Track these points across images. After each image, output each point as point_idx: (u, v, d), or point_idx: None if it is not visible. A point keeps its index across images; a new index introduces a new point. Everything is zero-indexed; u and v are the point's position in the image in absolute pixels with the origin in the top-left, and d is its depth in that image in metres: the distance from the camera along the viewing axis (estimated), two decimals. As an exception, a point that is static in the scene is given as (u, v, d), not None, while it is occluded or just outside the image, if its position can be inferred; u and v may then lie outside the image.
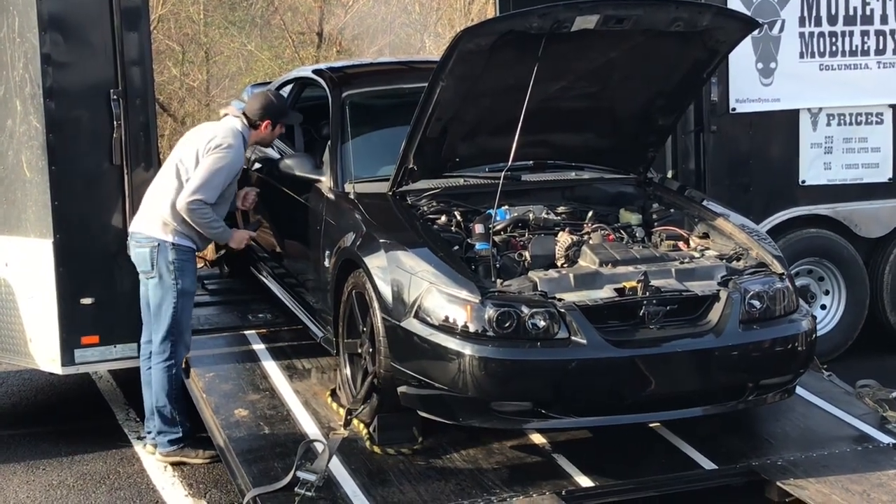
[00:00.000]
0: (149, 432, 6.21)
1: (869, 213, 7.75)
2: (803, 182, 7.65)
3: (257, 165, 7.17)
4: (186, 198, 5.86)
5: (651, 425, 5.60)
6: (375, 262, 5.37)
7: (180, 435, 6.06)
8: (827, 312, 7.73)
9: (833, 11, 7.60)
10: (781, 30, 7.51)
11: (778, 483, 5.17)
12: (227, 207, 6.19)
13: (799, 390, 5.78)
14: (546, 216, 5.79)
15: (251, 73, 16.47)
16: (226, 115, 6.24)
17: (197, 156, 5.97)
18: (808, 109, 7.62)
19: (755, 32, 6.49)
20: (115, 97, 6.21)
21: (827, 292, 7.78)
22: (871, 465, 5.33)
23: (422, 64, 7.84)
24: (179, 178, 5.97)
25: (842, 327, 7.73)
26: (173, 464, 6.07)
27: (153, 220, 5.98)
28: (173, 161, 6.06)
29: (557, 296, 5.09)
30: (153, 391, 6.05)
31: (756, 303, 5.23)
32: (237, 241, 6.27)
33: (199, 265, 8.96)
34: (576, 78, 5.73)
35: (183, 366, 6.13)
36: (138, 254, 6.02)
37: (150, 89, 6.37)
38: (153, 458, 6.19)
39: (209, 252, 8.37)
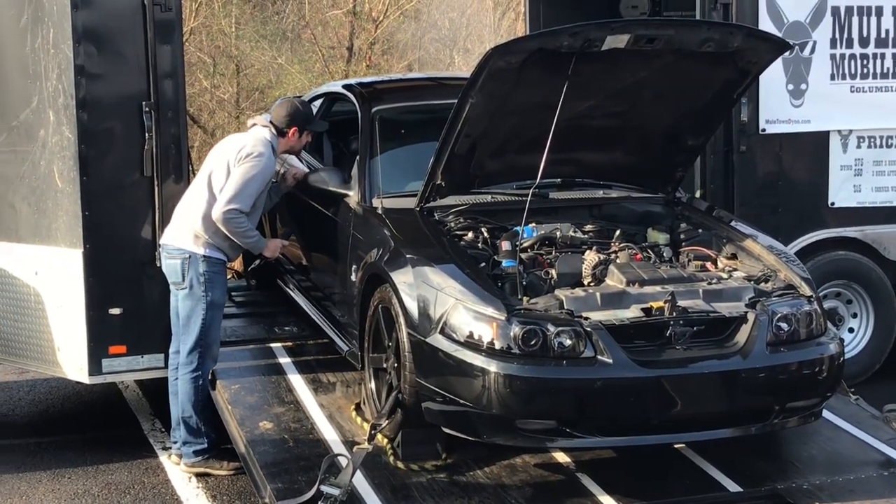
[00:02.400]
0: (174, 442, 6.24)
1: (898, 236, 7.70)
2: (832, 204, 7.61)
3: (294, 167, 7.18)
4: (222, 208, 5.90)
5: (676, 446, 5.57)
6: (402, 278, 5.38)
7: (205, 446, 6.08)
8: (854, 335, 7.68)
9: (865, 34, 7.57)
10: (812, 51, 7.49)
11: (803, 507, 5.14)
12: (258, 217, 6.23)
13: (826, 414, 5.74)
14: (573, 234, 5.79)
15: (281, 86, 16.53)
16: (254, 125, 6.28)
17: (228, 167, 6.01)
18: (839, 131, 7.58)
19: (786, 53, 6.47)
20: (146, 109, 6.25)
21: (855, 315, 7.73)
22: (897, 491, 5.29)
23: (451, 80, 7.87)
24: (211, 189, 6.01)
25: (869, 351, 7.68)
26: (198, 475, 6.09)
27: (184, 232, 6.02)
28: (204, 173, 6.10)
29: (584, 314, 5.08)
30: (179, 402, 6.08)
31: (784, 325, 5.21)
32: (271, 251, 6.31)
33: (228, 276, 9.02)
34: (605, 97, 5.74)
35: (210, 377, 6.15)
36: (169, 265, 6.06)
37: (181, 102, 6.41)
38: (178, 469, 6.21)
39: (237, 263, 8.40)
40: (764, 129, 7.43)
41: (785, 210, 7.51)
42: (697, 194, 7.27)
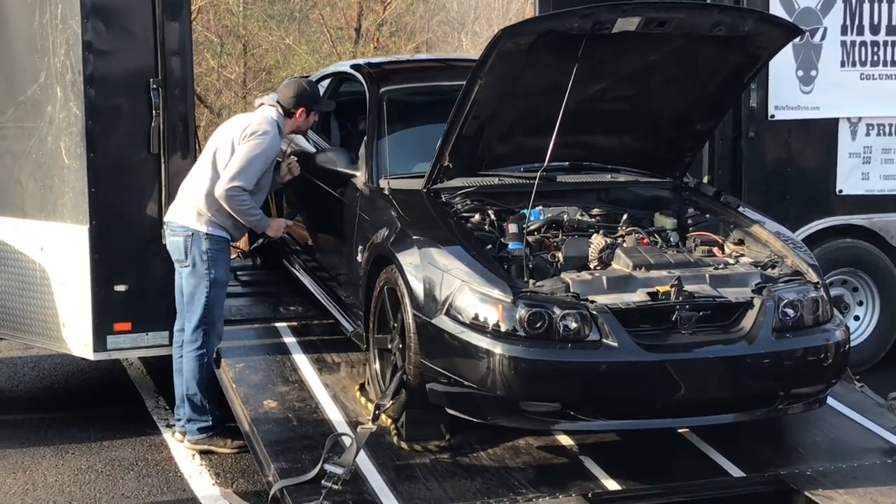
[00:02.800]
0: (178, 420, 6.25)
1: (906, 225, 7.69)
2: (840, 191, 7.60)
3: (293, 158, 7.17)
4: (225, 185, 5.89)
5: (679, 430, 5.57)
6: (408, 259, 5.37)
7: (210, 423, 6.09)
8: (860, 323, 7.67)
9: (876, 21, 7.54)
10: (823, 37, 7.46)
11: (806, 493, 5.12)
12: (263, 196, 6.23)
13: (830, 401, 5.73)
14: (580, 218, 5.77)
15: (288, 66, 16.50)
16: (261, 104, 6.27)
17: (233, 144, 6.01)
18: (848, 119, 7.56)
19: (796, 39, 6.44)
20: (154, 86, 6.25)
21: (861, 303, 7.72)
22: (901, 479, 5.29)
23: (460, 62, 7.84)
24: (215, 167, 6.01)
25: (874, 338, 7.67)
26: (201, 452, 6.11)
27: (187, 210, 6.03)
28: (209, 151, 6.10)
29: (590, 298, 5.07)
30: (184, 379, 6.09)
31: (790, 311, 5.19)
32: (275, 230, 6.31)
33: (233, 256, 9.03)
34: (614, 80, 5.71)
35: (214, 356, 6.16)
36: (172, 242, 6.07)
37: (189, 80, 6.40)
38: (181, 446, 6.23)
39: (242, 243, 8.40)
40: (773, 116, 7.40)
41: (792, 197, 7.49)
42: (705, 180, 7.25)
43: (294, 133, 6.46)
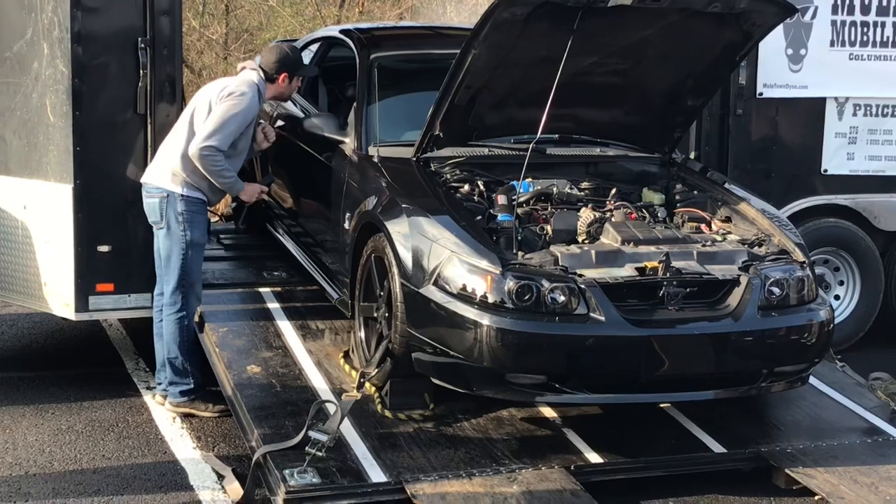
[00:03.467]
0: (159, 383, 6.23)
1: (889, 206, 7.72)
2: (825, 171, 7.63)
3: (280, 123, 7.13)
4: (198, 144, 5.85)
5: (662, 406, 5.61)
6: (397, 228, 5.36)
7: (191, 386, 6.08)
8: (841, 303, 7.72)
9: (866, 1, 7.54)
10: (813, 16, 7.46)
11: (786, 470, 5.18)
12: (241, 161, 6.18)
13: (811, 379, 5.77)
14: (569, 191, 5.77)
15: (271, 28, 16.33)
16: (243, 68, 6.21)
17: (210, 105, 5.97)
18: (835, 98, 7.58)
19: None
20: (142, 46, 6.18)
21: (842, 283, 7.76)
22: (880, 458, 5.34)
23: (450, 30, 7.81)
24: (192, 128, 5.97)
25: (855, 318, 7.72)
26: (183, 415, 6.09)
27: (163, 171, 5.99)
28: (187, 113, 6.06)
29: (578, 271, 5.08)
30: (164, 342, 6.07)
31: (776, 290, 5.23)
32: (248, 195, 6.26)
33: (214, 220, 8.97)
34: (608, 53, 5.70)
35: (196, 319, 6.14)
36: (149, 204, 6.03)
37: (178, 40, 6.33)
38: (163, 409, 6.21)
39: (222, 206, 8.34)
40: (761, 94, 7.42)
41: (777, 175, 7.51)
42: (692, 155, 7.26)
43: (276, 99, 6.40)
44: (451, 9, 18.77)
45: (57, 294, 6.35)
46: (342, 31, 7.12)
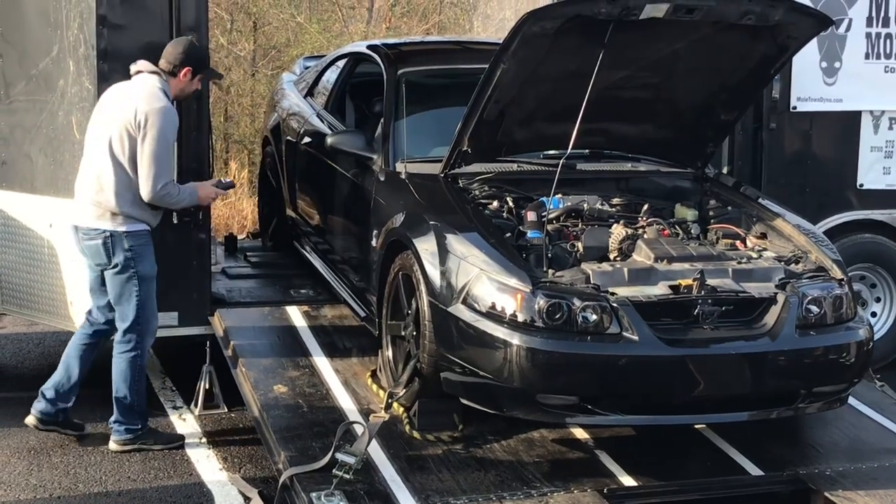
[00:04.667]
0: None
1: (926, 221, 7.58)
2: (861, 186, 7.50)
3: (307, 139, 7.08)
4: (151, 190, 5.62)
5: (697, 427, 5.48)
6: (425, 245, 5.27)
7: (138, 427, 5.91)
8: (877, 320, 7.58)
9: (902, 13, 7.42)
10: (848, 29, 7.35)
11: (826, 493, 5.04)
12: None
13: (849, 399, 5.63)
14: (600, 207, 5.67)
15: (299, 45, 16.35)
16: (138, 72, 5.82)
17: (129, 135, 5.61)
18: (871, 112, 7.46)
19: (822, 30, 6.33)
20: (169, 63, 6.13)
21: (878, 299, 7.62)
22: (922, 481, 5.19)
23: (477, 45, 7.75)
24: (115, 159, 5.64)
25: (892, 336, 7.59)
26: (130, 451, 5.90)
27: (97, 211, 5.69)
28: (102, 142, 5.68)
29: (610, 290, 4.97)
30: (114, 381, 5.85)
31: (814, 308, 5.10)
32: (204, 199, 6.00)
33: (241, 237, 8.94)
34: (639, 67, 5.60)
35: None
36: (90, 247, 5.76)
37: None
38: (188, 430, 6.14)
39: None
40: (795, 107, 7.31)
41: (812, 190, 7.39)
42: (725, 170, 7.15)
43: (176, 98, 5.88)
44: (477, 24, 18.73)
45: (83, 313, 6.29)
46: (369, 47, 7.06)
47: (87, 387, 6.09)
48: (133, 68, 5.85)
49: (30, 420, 5.98)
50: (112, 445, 5.93)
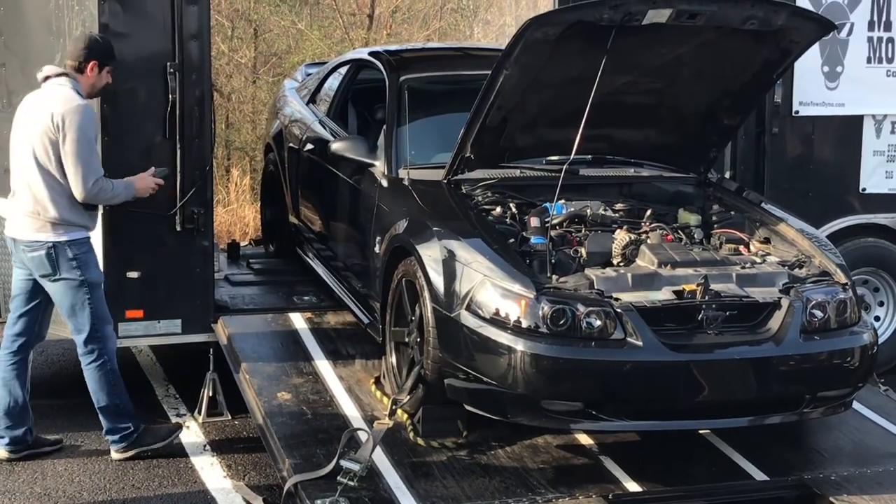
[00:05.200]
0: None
1: (929, 225, 7.58)
2: (863, 190, 7.49)
3: (309, 146, 7.08)
4: (83, 189, 5.52)
5: (701, 432, 5.47)
6: (428, 251, 5.27)
7: (131, 428, 5.84)
8: (881, 324, 7.57)
9: (903, 17, 7.43)
10: (850, 33, 7.35)
11: (831, 498, 5.04)
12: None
13: (853, 404, 5.63)
14: (603, 212, 5.67)
15: (300, 52, 16.34)
16: (46, 77, 5.70)
17: (51, 142, 5.52)
18: (873, 116, 7.46)
19: (825, 35, 6.33)
20: (171, 70, 6.15)
21: (882, 303, 7.61)
22: (927, 485, 5.19)
23: (479, 51, 7.76)
24: (42, 169, 5.55)
25: (895, 340, 7.56)
26: (134, 458, 5.86)
27: (35, 223, 5.61)
28: (26, 153, 5.59)
29: (614, 295, 4.97)
30: (92, 393, 5.78)
31: (818, 312, 5.10)
32: (143, 190, 5.89)
33: (244, 243, 8.94)
34: (641, 72, 5.61)
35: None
36: (33, 259, 5.65)
37: (206, 64, 6.30)
38: (193, 437, 6.13)
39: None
40: (797, 112, 7.30)
41: (815, 194, 7.39)
42: (727, 175, 7.15)
43: (92, 95, 5.78)
44: (478, 30, 18.76)
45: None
46: (371, 54, 7.07)
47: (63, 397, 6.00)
48: (40, 75, 5.74)
49: (1, 454, 5.88)
50: (114, 455, 5.91)
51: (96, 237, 6.12)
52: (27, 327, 5.87)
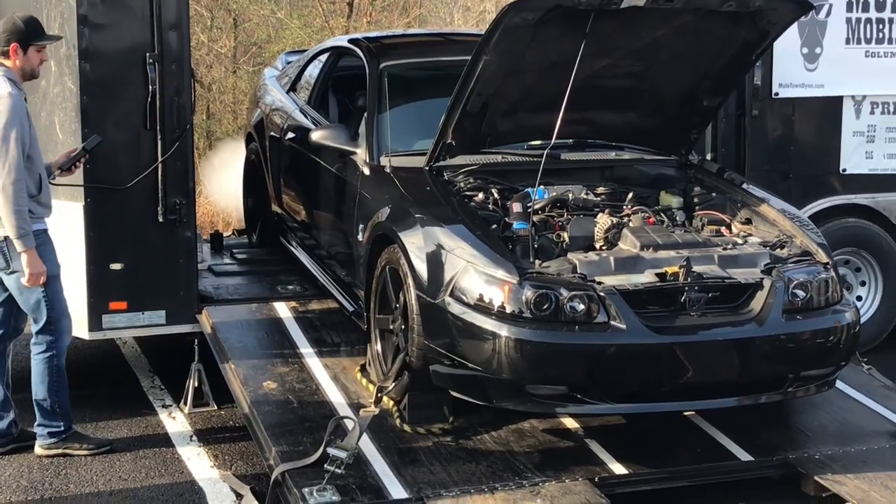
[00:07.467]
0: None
1: (910, 205, 7.61)
2: (844, 170, 7.52)
3: (290, 135, 7.07)
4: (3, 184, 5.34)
5: (686, 414, 5.50)
6: (411, 238, 5.27)
7: (62, 429, 5.80)
8: (863, 303, 7.60)
9: (881, -2, 7.45)
10: (828, 14, 7.36)
11: (815, 477, 5.08)
12: (38, 172, 5.59)
13: (837, 383, 5.66)
14: (585, 196, 5.68)
15: (280, 41, 16.29)
16: None
17: None
18: (852, 97, 7.48)
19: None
20: (150, 61, 6.13)
21: (863, 283, 7.65)
22: (910, 463, 5.23)
23: (459, 36, 7.75)
24: None
25: (877, 319, 7.61)
26: (54, 456, 5.81)
27: None
28: None
29: (597, 279, 4.99)
30: (32, 384, 5.74)
31: (800, 292, 5.12)
32: (28, 263, 5.50)
33: (227, 234, 8.92)
34: (621, 56, 5.61)
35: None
36: None
37: (186, 54, 6.29)
38: (179, 428, 6.13)
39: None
40: (777, 93, 7.32)
41: (796, 175, 7.41)
42: (708, 157, 7.17)
43: (27, 77, 5.60)
44: (458, 16, 18.72)
45: (70, 313, 6.28)
46: (351, 41, 7.05)
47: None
48: None
49: None
50: (37, 450, 5.80)
51: (78, 229, 6.12)
52: (2, 321, 5.83)
